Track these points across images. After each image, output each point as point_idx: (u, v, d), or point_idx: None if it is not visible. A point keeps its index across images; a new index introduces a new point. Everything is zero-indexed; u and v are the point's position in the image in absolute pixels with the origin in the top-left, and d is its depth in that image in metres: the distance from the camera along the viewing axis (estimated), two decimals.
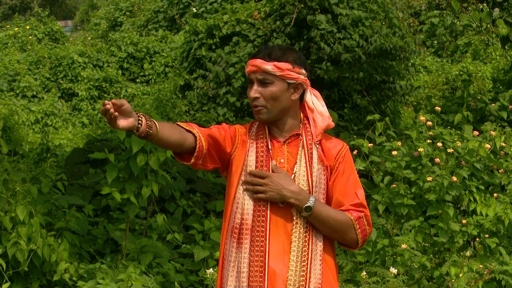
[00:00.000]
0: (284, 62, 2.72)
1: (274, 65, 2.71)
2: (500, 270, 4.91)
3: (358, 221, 2.69)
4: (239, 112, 11.23)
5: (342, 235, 2.70)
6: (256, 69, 2.73)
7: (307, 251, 2.67)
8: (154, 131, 2.59)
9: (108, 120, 2.46)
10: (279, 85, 2.73)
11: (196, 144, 2.69)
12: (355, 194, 2.73)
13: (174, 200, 6.94)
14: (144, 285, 5.06)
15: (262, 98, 2.72)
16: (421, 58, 15.65)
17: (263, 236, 2.68)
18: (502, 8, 8.35)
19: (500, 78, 10.38)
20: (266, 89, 2.72)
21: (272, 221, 2.69)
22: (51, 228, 5.30)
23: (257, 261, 2.67)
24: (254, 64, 2.73)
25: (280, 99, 2.73)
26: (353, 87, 10.62)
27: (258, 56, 2.74)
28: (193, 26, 12.00)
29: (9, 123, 9.73)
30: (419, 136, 5.44)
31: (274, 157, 2.76)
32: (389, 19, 10.65)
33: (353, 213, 2.70)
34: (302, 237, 2.68)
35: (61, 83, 14.83)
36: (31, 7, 30.65)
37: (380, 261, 5.12)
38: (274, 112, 2.74)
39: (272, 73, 2.71)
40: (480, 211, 5.20)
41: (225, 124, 2.86)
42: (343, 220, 2.68)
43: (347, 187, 2.73)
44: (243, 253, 2.69)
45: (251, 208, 2.71)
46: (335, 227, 2.68)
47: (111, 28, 19.05)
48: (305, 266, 2.66)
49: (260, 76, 2.72)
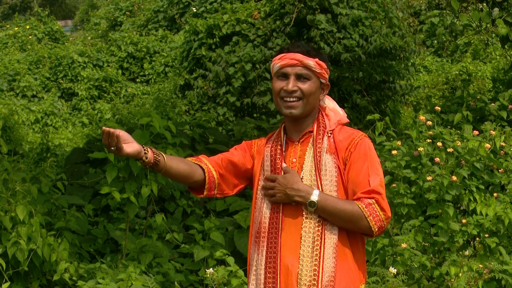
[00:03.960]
0: (322, 61, 2.76)
1: (316, 62, 2.73)
2: (500, 269, 4.91)
3: (368, 208, 2.62)
4: (239, 112, 11.23)
5: (354, 224, 2.64)
6: (297, 63, 2.72)
7: (320, 245, 2.65)
8: (162, 161, 2.68)
9: (110, 148, 2.57)
10: (316, 82, 2.76)
11: (205, 176, 2.77)
12: (368, 181, 2.67)
13: (174, 199, 6.94)
14: (144, 284, 5.06)
15: (299, 92, 2.73)
16: (421, 58, 15.65)
17: (276, 236, 2.70)
18: (501, 8, 8.35)
19: (500, 78, 10.37)
20: (304, 84, 2.73)
21: (284, 220, 2.71)
22: (51, 228, 5.29)
23: (270, 261, 2.70)
24: (295, 58, 2.72)
25: (314, 96, 2.76)
26: (353, 86, 10.62)
27: (297, 50, 2.74)
28: (193, 25, 12.01)
29: (9, 123, 9.73)
30: (419, 136, 5.44)
31: (287, 157, 2.77)
32: (389, 19, 10.65)
33: (364, 200, 2.64)
34: (313, 231, 2.66)
35: (61, 82, 14.83)
36: (31, 6, 30.64)
37: (380, 261, 5.12)
38: (306, 108, 2.75)
39: (313, 69, 2.73)
40: (480, 210, 5.20)
41: (245, 142, 2.91)
42: (351, 209, 2.63)
43: (359, 176, 2.68)
44: (261, 255, 2.74)
45: (268, 212, 2.75)
46: (345, 218, 2.63)
47: (111, 28, 19.05)
48: (317, 261, 2.64)
49: (300, 70, 2.73)
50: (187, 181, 2.78)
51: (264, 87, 10.61)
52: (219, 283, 5.07)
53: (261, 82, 10.66)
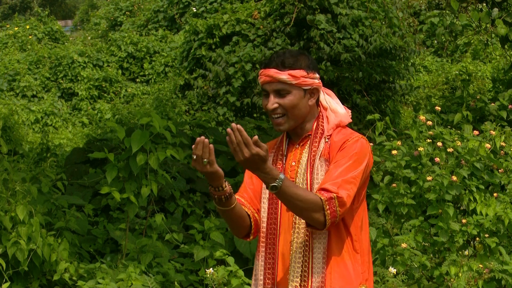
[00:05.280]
0: (298, 69, 2.66)
1: (289, 74, 2.65)
2: (499, 269, 4.91)
3: (328, 202, 2.54)
4: (239, 112, 11.23)
5: (308, 214, 2.54)
6: (270, 80, 2.66)
7: (309, 250, 2.65)
8: (234, 196, 2.64)
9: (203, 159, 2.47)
10: (296, 94, 2.67)
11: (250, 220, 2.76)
12: (338, 176, 2.59)
13: (174, 199, 6.94)
14: (144, 284, 5.06)
15: (281, 108, 2.67)
16: (421, 58, 15.65)
17: (274, 242, 2.72)
18: (501, 8, 8.35)
19: (499, 78, 10.38)
20: (284, 99, 2.66)
21: (282, 225, 2.72)
22: (51, 227, 5.29)
23: (269, 267, 2.72)
24: (268, 75, 2.67)
25: (299, 107, 2.68)
26: (352, 86, 10.62)
27: (271, 65, 2.67)
28: (193, 25, 12.01)
29: (9, 122, 9.73)
30: (419, 136, 5.44)
31: (288, 161, 2.75)
32: (389, 19, 10.65)
33: (324, 193, 2.55)
34: (302, 236, 2.66)
35: (61, 82, 14.83)
36: (31, 6, 30.66)
37: (380, 261, 5.12)
38: (293, 121, 2.70)
39: (288, 82, 2.65)
40: (480, 210, 5.20)
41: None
42: (311, 199, 2.54)
43: (333, 171, 2.61)
44: (260, 260, 2.75)
45: (266, 216, 2.74)
46: (301, 206, 2.53)
47: (111, 27, 19.05)
48: (306, 267, 2.65)
49: (276, 86, 2.66)
50: (243, 224, 2.73)
51: None
52: (219, 283, 5.07)
53: None
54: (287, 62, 2.66)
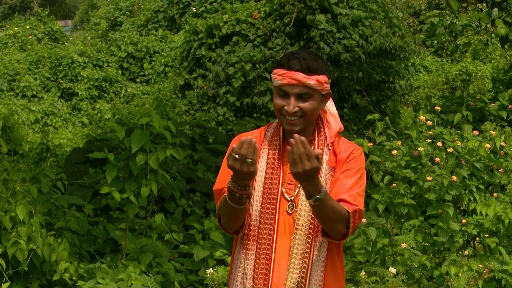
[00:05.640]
0: (322, 75, 2.65)
1: (316, 80, 2.63)
2: (499, 269, 4.91)
3: (353, 214, 2.59)
4: (239, 112, 11.23)
5: (334, 224, 2.58)
6: (296, 83, 2.63)
7: (308, 257, 2.64)
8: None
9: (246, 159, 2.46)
10: (317, 98, 2.67)
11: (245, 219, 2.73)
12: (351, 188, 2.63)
13: (174, 199, 6.94)
14: (144, 284, 5.07)
15: (301, 111, 2.65)
16: (421, 58, 15.66)
17: (270, 243, 2.67)
18: (501, 8, 8.35)
19: (499, 78, 10.38)
20: (305, 103, 2.64)
21: (279, 227, 2.68)
22: (51, 227, 5.30)
23: (262, 268, 2.67)
24: (295, 78, 2.62)
25: (317, 111, 2.69)
26: (352, 87, 10.63)
27: (296, 68, 2.63)
28: (193, 25, 12.01)
29: (9, 122, 9.73)
30: (419, 136, 5.44)
31: (285, 163, 2.71)
32: (389, 19, 10.65)
33: (350, 206, 2.59)
34: (303, 242, 2.64)
35: (61, 82, 14.83)
36: (31, 6, 30.67)
37: (380, 261, 5.13)
38: (308, 123, 2.70)
39: (314, 88, 2.64)
40: (480, 210, 5.20)
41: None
42: (340, 211, 2.57)
43: (348, 180, 2.64)
44: (249, 259, 2.70)
45: (258, 214, 2.70)
46: (332, 218, 2.56)
47: (111, 27, 19.06)
48: (304, 273, 2.63)
49: (301, 90, 2.63)
50: (242, 221, 2.70)
51: (264, 87, 10.61)
52: (219, 283, 5.07)
53: (261, 82, 10.66)
54: (312, 66, 2.64)
